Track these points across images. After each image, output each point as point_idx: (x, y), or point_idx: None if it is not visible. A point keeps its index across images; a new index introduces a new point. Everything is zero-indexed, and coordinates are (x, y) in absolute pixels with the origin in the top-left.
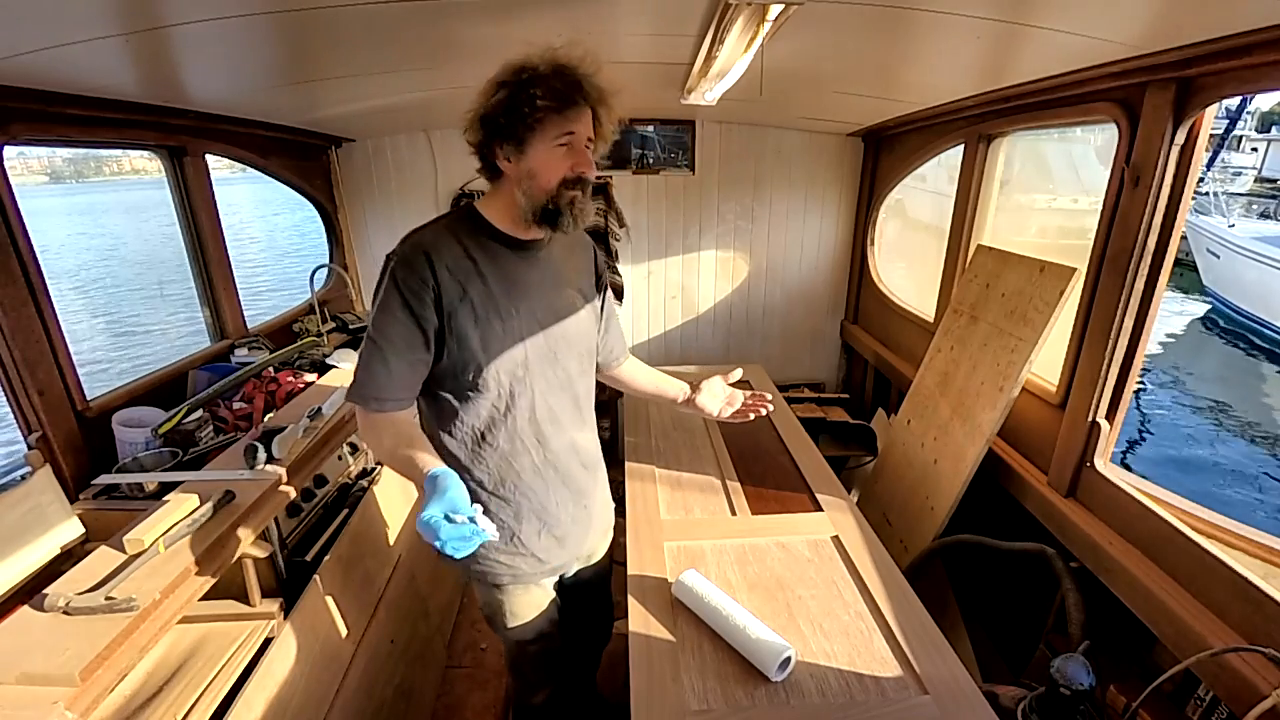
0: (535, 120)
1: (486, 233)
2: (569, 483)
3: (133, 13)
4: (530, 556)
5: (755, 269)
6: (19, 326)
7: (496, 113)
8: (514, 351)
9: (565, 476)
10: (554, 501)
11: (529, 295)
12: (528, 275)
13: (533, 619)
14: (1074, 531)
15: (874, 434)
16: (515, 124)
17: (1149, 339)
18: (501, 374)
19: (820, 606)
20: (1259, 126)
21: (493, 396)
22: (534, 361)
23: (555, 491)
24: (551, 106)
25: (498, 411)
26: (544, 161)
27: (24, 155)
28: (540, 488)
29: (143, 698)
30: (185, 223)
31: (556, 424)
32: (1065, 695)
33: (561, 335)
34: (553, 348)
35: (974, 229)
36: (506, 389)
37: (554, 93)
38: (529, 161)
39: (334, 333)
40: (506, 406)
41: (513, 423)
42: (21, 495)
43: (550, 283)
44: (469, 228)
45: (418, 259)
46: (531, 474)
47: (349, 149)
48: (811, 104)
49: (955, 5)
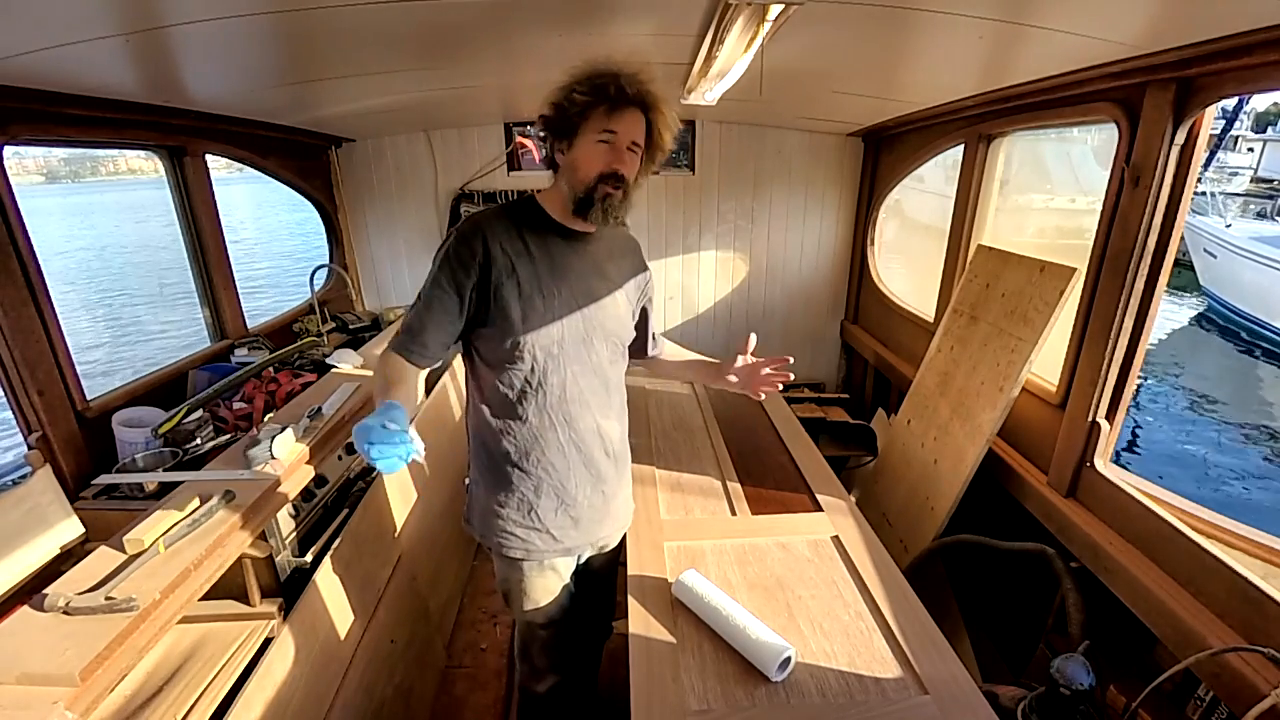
0: (579, 115)
1: (541, 219)
2: (590, 466)
3: (133, 13)
4: (545, 533)
5: (755, 269)
6: (19, 326)
7: (554, 109)
8: (551, 328)
9: (587, 459)
10: (573, 482)
11: (570, 279)
12: (572, 261)
13: (545, 603)
14: (1074, 531)
15: (874, 434)
16: (565, 119)
17: (1148, 338)
18: (537, 348)
19: (820, 606)
20: (1255, 126)
21: (526, 370)
22: (569, 341)
23: (576, 472)
24: (591, 102)
25: (529, 385)
26: (585, 155)
27: (19, 155)
28: (562, 465)
29: (143, 698)
30: (185, 223)
31: (585, 406)
32: (1065, 695)
33: (598, 321)
34: (588, 331)
35: (974, 229)
36: (541, 363)
37: (596, 89)
38: (573, 154)
39: (334, 333)
40: (540, 381)
41: (543, 398)
42: (21, 495)
43: (593, 272)
44: (526, 213)
45: (474, 233)
46: (555, 451)
47: (349, 149)
48: (811, 104)
49: (955, 5)
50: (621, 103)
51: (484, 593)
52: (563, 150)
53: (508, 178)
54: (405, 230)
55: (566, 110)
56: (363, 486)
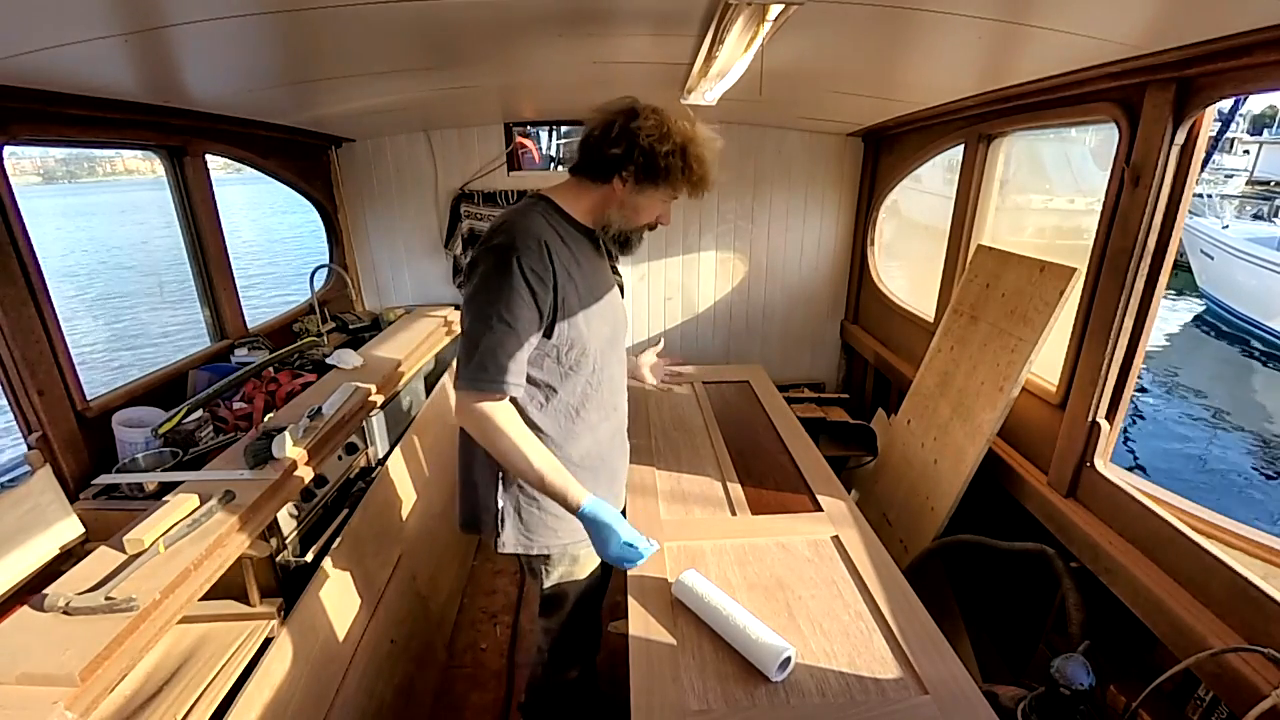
0: (666, 181)
1: (571, 223)
2: (622, 437)
3: (133, 13)
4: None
5: (755, 269)
6: (19, 326)
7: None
8: (603, 330)
9: (622, 435)
10: (621, 466)
11: (602, 277)
12: (596, 260)
13: (593, 590)
14: (1074, 531)
15: (874, 434)
16: (653, 168)
17: (1148, 339)
18: (595, 352)
19: (820, 606)
20: (1251, 129)
21: (588, 373)
22: (611, 339)
23: (622, 457)
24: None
25: (591, 387)
26: (649, 206)
27: (15, 155)
28: (614, 454)
29: (143, 698)
30: (185, 223)
31: (620, 394)
32: (1065, 695)
33: (622, 313)
34: (619, 326)
35: (974, 229)
36: (599, 365)
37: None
38: (639, 198)
39: (334, 333)
40: (598, 381)
41: (600, 396)
42: (21, 495)
43: (606, 270)
44: (557, 218)
45: (539, 247)
46: (607, 442)
47: (349, 149)
48: (811, 104)
49: (955, 5)
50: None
51: (484, 593)
52: (627, 183)
53: (508, 178)
54: (405, 230)
55: (659, 164)
56: (363, 486)
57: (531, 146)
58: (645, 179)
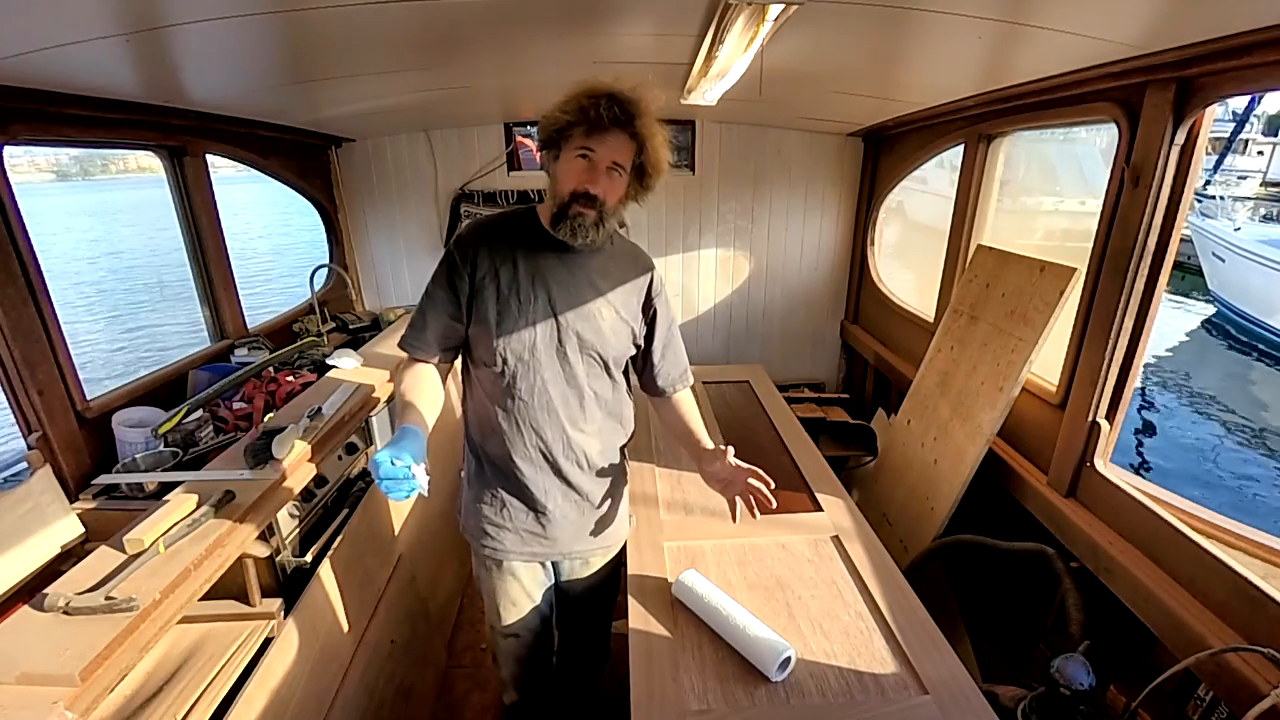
0: (559, 132)
1: (535, 230)
2: (561, 475)
3: (133, 13)
4: (515, 533)
5: (755, 269)
6: (19, 326)
7: (543, 121)
8: (523, 333)
9: (556, 469)
10: (542, 489)
11: (552, 289)
12: (559, 272)
13: (505, 610)
14: (1074, 531)
15: (874, 434)
16: (551, 133)
17: (1149, 339)
18: (509, 351)
19: (820, 606)
20: (1265, 130)
21: (498, 372)
22: (541, 349)
23: (545, 479)
24: (572, 121)
25: (500, 388)
26: (563, 170)
27: (30, 153)
28: (531, 472)
29: (143, 698)
30: (185, 223)
31: (553, 415)
32: (1065, 695)
33: (574, 332)
34: (563, 341)
35: (974, 229)
36: (512, 367)
37: (581, 110)
38: (555, 168)
39: (334, 333)
40: (510, 384)
41: (512, 402)
42: (21, 495)
43: (582, 284)
44: (523, 221)
45: (470, 236)
46: (522, 456)
47: (349, 149)
48: (811, 104)
49: (955, 5)
50: (602, 125)
51: None
52: (549, 164)
53: (508, 178)
54: (405, 230)
55: (552, 124)
56: (363, 487)
57: (532, 146)
58: (548, 142)
